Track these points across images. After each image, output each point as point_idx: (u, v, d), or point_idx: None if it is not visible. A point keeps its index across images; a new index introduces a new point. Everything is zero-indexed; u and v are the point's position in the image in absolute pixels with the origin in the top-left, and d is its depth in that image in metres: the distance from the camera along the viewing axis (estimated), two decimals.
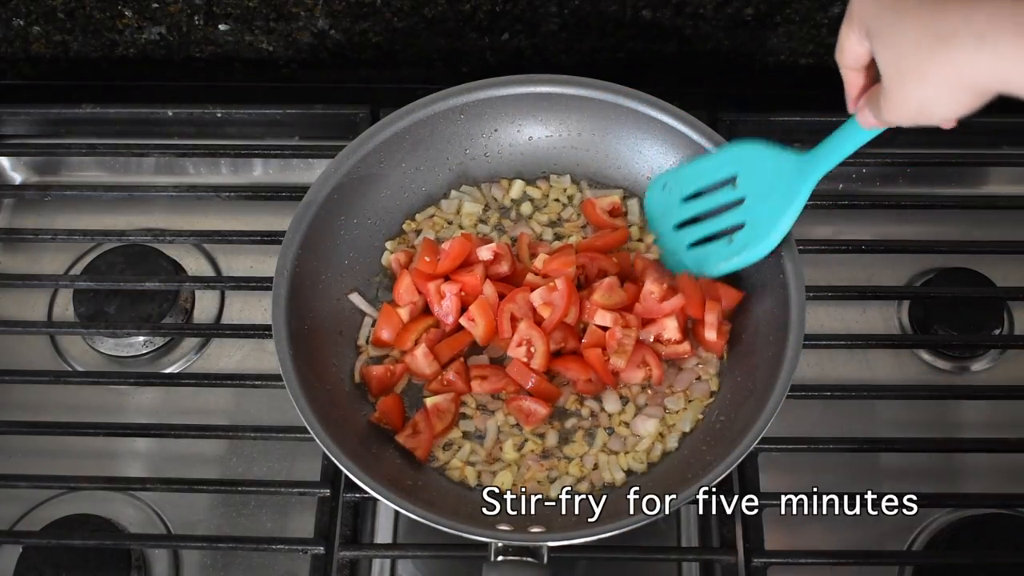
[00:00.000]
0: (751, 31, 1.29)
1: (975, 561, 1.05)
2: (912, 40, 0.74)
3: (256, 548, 1.08)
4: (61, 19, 1.30)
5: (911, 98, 0.76)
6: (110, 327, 1.21)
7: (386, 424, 1.06)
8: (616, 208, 1.18)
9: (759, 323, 1.07)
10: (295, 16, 1.28)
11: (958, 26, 0.71)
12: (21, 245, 1.32)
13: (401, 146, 1.14)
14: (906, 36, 0.74)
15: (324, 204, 1.09)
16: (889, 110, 0.80)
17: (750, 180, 1.06)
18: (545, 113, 1.17)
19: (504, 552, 0.92)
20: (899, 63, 0.75)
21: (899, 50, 0.75)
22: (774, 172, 1.03)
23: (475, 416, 1.08)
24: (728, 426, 1.03)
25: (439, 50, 1.34)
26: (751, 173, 1.06)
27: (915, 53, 0.74)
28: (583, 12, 1.27)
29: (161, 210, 1.31)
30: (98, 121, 1.33)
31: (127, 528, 1.12)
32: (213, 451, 1.17)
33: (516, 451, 1.05)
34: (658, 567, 1.09)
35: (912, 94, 0.76)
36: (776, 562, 1.03)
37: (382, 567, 1.10)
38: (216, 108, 1.31)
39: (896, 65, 0.76)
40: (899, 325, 1.23)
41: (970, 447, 1.14)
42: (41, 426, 1.14)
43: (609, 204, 1.18)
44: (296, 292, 1.05)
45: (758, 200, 1.05)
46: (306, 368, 1.01)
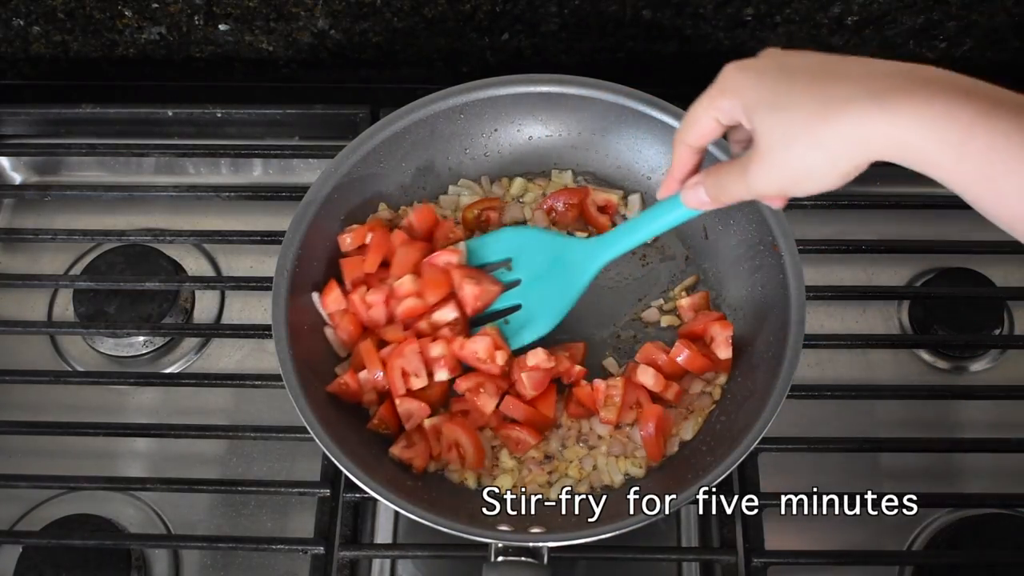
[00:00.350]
0: (751, 31, 1.29)
1: (975, 561, 1.06)
2: (805, 107, 0.71)
3: (256, 548, 1.08)
4: (61, 19, 1.30)
5: (794, 164, 0.73)
6: (110, 327, 1.21)
7: (384, 430, 1.06)
8: (611, 206, 1.17)
9: (759, 323, 1.07)
10: (295, 16, 1.28)
11: (855, 92, 0.69)
12: (21, 245, 1.32)
13: (401, 146, 1.14)
14: (798, 104, 0.71)
15: (324, 204, 1.09)
16: (761, 177, 0.76)
17: (527, 263, 1.09)
18: (545, 113, 1.17)
19: (504, 552, 0.92)
20: (788, 130, 0.72)
21: (789, 117, 0.72)
22: (552, 257, 1.07)
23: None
24: (728, 426, 1.03)
25: (439, 50, 1.34)
26: (527, 256, 1.09)
27: (807, 119, 0.71)
28: (583, 12, 1.27)
29: (161, 210, 1.31)
30: (98, 121, 1.33)
31: (127, 528, 1.12)
32: (213, 451, 1.17)
33: (513, 459, 1.05)
34: (658, 567, 1.09)
35: (797, 160, 0.73)
36: (776, 562, 1.03)
37: (382, 567, 1.10)
38: (216, 108, 1.31)
39: (784, 132, 0.72)
40: (899, 325, 1.24)
41: (970, 447, 1.14)
42: (41, 426, 1.14)
43: (603, 200, 1.17)
44: (296, 292, 1.05)
45: (535, 283, 1.08)
46: (306, 368, 1.01)
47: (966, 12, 1.24)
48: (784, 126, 0.72)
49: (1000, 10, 1.24)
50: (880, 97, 0.68)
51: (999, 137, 0.65)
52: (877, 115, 0.68)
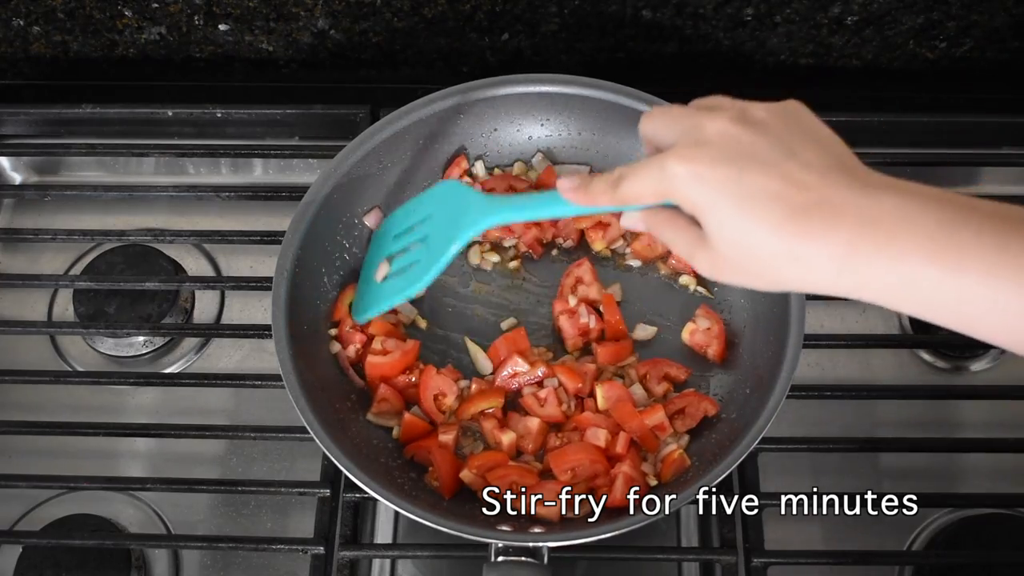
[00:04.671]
0: (751, 31, 1.29)
1: (975, 561, 1.05)
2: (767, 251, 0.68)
3: (256, 548, 1.08)
4: (61, 19, 1.30)
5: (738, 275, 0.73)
6: (110, 327, 1.21)
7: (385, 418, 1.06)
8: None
9: (759, 323, 1.07)
10: (295, 16, 1.28)
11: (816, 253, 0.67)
12: (21, 245, 1.32)
13: (401, 146, 1.14)
14: (758, 243, 0.68)
15: (324, 204, 1.09)
16: (707, 266, 0.74)
17: (438, 217, 1.00)
18: (545, 113, 1.17)
19: (504, 552, 0.92)
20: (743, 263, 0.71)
21: (745, 251, 0.70)
22: (458, 208, 0.96)
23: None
24: (728, 426, 1.03)
25: (439, 50, 1.34)
26: (441, 210, 1.00)
27: (764, 261, 0.69)
28: (583, 12, 1.27)
29: (161, 210, 1.31)
30: (98, 121, 1.33)
31: (127, 528, 1.12)
32: (213, 451, 1.17)
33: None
34: (658, 567, 1.09)
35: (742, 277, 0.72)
36: (776, 562, 1.03)
37: (382, 567, 1.10)
38: (216, 108, 1.30)
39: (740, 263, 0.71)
40: (899, 325, 1.23)
41: (970, 447, 1.14)
42: (41, 426, 1.14)
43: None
44: (296, 292, 1.05)
45: (435, 233, 0.99)
46: (306, 368, 1.01)
47: (966, 12, 1.24)
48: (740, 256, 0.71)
49: (1000, 10, 1.24)
50: (842, 264, 0.66)
51: (966, 290, 0.64)
52: (836, 280, 0.67)
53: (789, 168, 0.68)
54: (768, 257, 0.69)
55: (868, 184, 0.68)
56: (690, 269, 1.14)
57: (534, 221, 1.15)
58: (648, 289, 1.15)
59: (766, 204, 0.67)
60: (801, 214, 0.67)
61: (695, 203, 0.71)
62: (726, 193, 0.69)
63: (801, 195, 0.67)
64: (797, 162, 0.68)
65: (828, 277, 0.68)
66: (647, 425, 1.02)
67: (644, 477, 1.00)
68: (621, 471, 0.99)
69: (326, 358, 1.08)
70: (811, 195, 0.67)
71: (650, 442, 1.03)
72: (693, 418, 1.05)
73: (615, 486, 0.99)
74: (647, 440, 1.03)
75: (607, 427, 1.02)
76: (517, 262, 1.17)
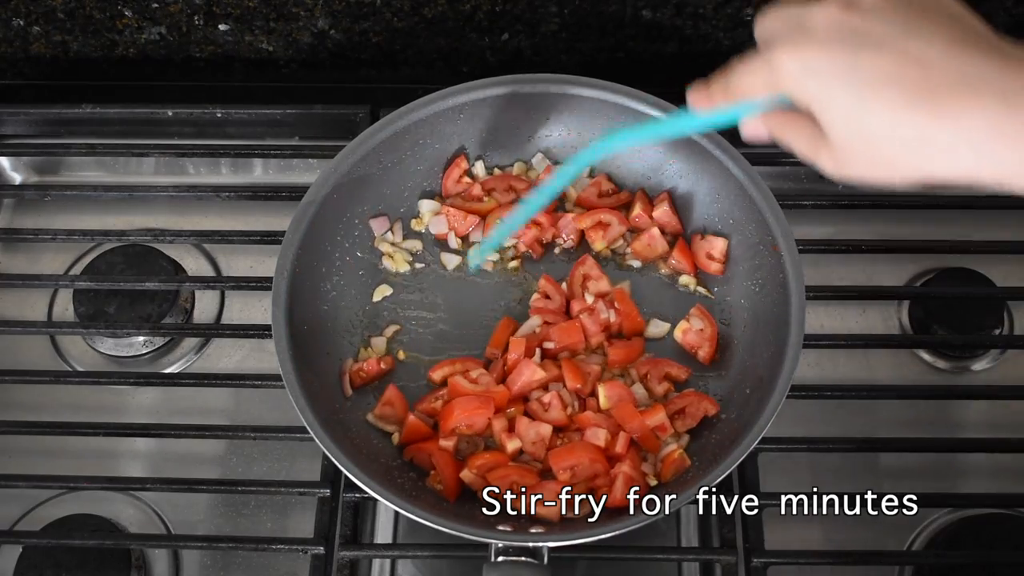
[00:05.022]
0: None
1: (975, 561, 1.06)
2: (894, 140, 0.62)
3: (256, 548, 1.08)
4: (61, 19, 1.30)
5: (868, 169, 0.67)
6: (110, 327, 1.21)
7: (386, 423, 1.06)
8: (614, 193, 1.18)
9: (759, 323, 1.07)
10: (295, 16, 1.28)
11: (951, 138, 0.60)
12: (21, 245, 1.32)
13: (401, 146, 1.14)
14: (881, 132, 0.62)
15: (324, 204, 1.09)
16: (832, 164, 0.69)
17: None
18: (545, 113, 1.17)
19: (504, 552, 0.92)
20: (870, 155, 0.65)
21: (868, 143, 0.64)
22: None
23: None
24: (728, 426, 1.03)
25: (439, 50, 1.34)
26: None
27: (893, 151, 0.63)
28: (583, 12, 1.27)
29: (161, 210, 1.31)
30: (98, 121, 1.33)
31: (127, 528, 1.12)
32: (213, 451, 1.17)
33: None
34: (658, 567, 1.09)
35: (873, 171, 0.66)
36: (776, 562, 1.03)
37: (382, 567, 1.10)
38: (216, 108, 1.30)
39: (866, 155, 0.65)
40: (899, 325, 1.23)
41: (970, 447, 1.14)
42: (41, 426, 1.14)
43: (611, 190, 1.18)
44: (296, 292, 1.05)
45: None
46: (306, 368, 1.01)
47: None
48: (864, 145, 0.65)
49: (1000, 10, 1.24)
50: (979, 149, 0.60)
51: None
52: (976, 166, 0.61)
53: (909, 46, 0.61)
54: (896, 146, 0.62)
55: (1009, 56, 0.60)
56: (690, 269, 1.14)
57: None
58: (648, 289, 1.15)
59: (886, 87, 0.61)
60: (927, 95, 0.60)
61: (807, 95, 0.65)
62: (839, 80, 0.63)
63: (925, 73, 0.60)
64: (919, 39, 0.62)
65: (967, 164, 0.60)
66: (648, 425, 1.02)
67: (644, 477, 1.00)
68: (621, 471, 0.99)
69: (326, 358, 1.08)
70: (936, 72, 0.60)
71: (651, 442, 1.03)
72: (693, 418, 1.05)
73: (615, 486, 0.99)
74: (648, 440, 1.03)
75: (607, 427, 1.02)
76: (517, 262, 1.17)
